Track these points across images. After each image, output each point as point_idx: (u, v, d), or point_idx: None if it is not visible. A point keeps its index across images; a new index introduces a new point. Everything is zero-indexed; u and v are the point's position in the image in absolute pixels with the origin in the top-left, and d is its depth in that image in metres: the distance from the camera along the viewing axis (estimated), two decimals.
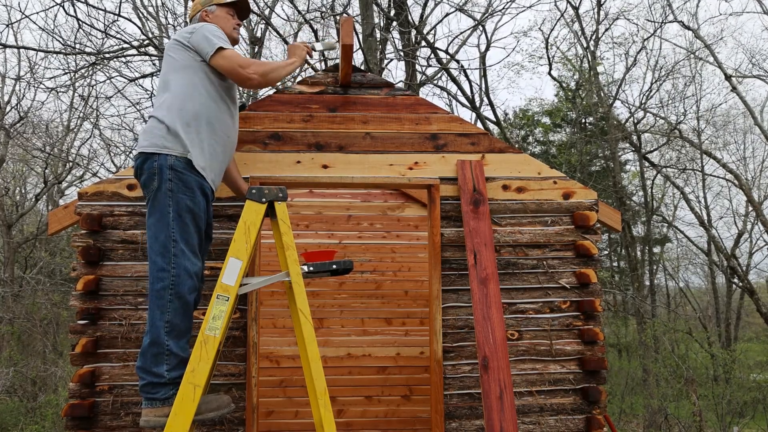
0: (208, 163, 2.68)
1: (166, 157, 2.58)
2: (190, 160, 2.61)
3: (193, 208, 2.58)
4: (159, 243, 2.53)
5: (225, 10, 2.98)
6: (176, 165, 2.58)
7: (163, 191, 2.55)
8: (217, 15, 2.96)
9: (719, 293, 17.48)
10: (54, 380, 10.43)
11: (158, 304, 2.48)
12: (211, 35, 2.73)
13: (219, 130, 2.77)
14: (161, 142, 2.60)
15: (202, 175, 2.65)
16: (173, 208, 2.54)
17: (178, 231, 2.53)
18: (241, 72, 2.71)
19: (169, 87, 2.72)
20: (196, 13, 3.00)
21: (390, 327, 5.30)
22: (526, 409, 3.46)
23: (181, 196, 2.56)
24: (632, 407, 12.63)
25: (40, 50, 10.31)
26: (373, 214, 5.49)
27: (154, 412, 2.45)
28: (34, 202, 13.29)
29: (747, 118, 16.07)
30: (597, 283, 3.60)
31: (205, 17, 2.96)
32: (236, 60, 2.71)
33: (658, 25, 14.13)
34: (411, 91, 7.52)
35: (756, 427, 12.14)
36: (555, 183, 3.70)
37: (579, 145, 15.81)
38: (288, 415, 5.07)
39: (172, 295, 2.48)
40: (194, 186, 2.60)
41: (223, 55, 2.71)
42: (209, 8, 2.97)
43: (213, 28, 2.79)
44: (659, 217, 17.27)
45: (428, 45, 11.26)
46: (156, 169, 2.57)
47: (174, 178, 2.56)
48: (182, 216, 2.55)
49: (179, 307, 2.49)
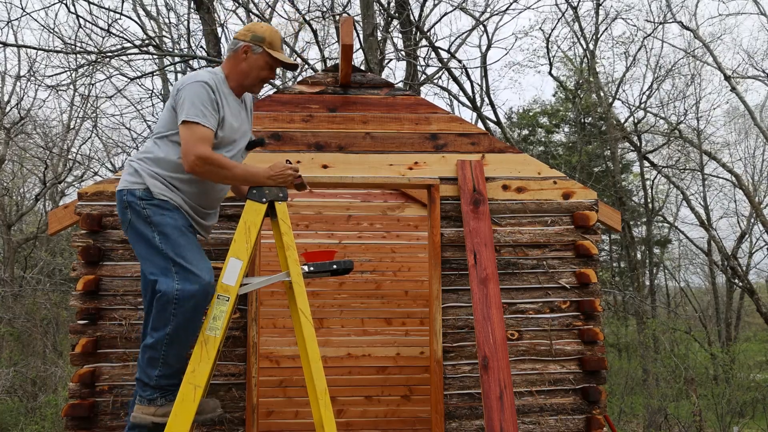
0: (177, 200, 2.59)
1: (134, 192, 2.55)
2: (151, 190, 2.55)
3: (174, 224, 2.52)
4: (155, 265, 2.49)
5: (265, 59, 2.71)
6: (144, 195, 2.54)
7: (139, 220, 2.52)
8: (256, 59, 2.70)
9: (719, 293, 17.48)
10: (54, 380, 10.43)
11: (162, 317, 2.44)
12: (191, 104, 2.50)
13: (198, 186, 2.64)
14: (130, 179, 2.59)
15: (172, 200, 2.57)
16: (155, 231, 2.50)
17: (169, 248, 2.48)
18: (188, 151, 2.46)
19: (153, 138, 2.65)
20: (241, 39, 2.72)
21: (390, 327, 5.30)
22: (526, 409, 3.46)
23: (158, 218, 2.51)
24: (632, 407, 12.63)
25: (40, 49, 10.31)
26: (373, 214, 5.49)
27: (141, 409, 2.45)
28: (34, 202, 13.28)
29: (747, 118, 16.08)
30: (597, 283, 3.60)
31: (243, 54, 2.70)
32: (193, 139, 2.47)
33: (656, 25, 14.13)
34: (411, 91, 7.52)
35: (756, 427, 12.13)
36: (555, 183, 3.70)
37: (579, 144, 15.81)
38: (288, 415, 5.07)
39: (176, 309, 2.43)
40: (168, 207, 2.55)
41: (191, 129, 2.48)
42: (255, 48, 2.70)
43: (200, 92, 2.53)
44: (660, 218, 17.27)
45: (429, 44, 11.26)
46: (126, 202, 2.55)
47: (148, 206, 2.52)
48: (167, 234, 2.50)
49: (182, 323, 2.44)
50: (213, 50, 9.59)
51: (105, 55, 9.33)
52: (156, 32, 11.91)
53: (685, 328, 13.90)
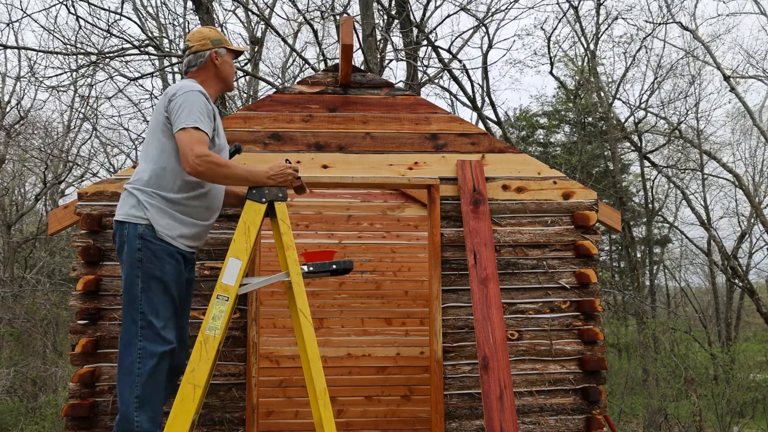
0: (177, 231, 2.57)
1: (136, 227, 2.50)
2: (154, 227, 2.52)
3: (162, 277, 2.49)
4: (129, 316, 2.46)
5: (231, 56, 2.85)
6: (145, 233, 2.49)
7: (131, 262, 2.48)
8: (225, 60, 2.80)
9: (719, 293, 17.47)
10: (54, 380, 10.43)
11: (126, 381, 2.40)
12: (188, 111, 2.50)
13: (183, 182, 2.60)
14: (132, 211, 2.53)
15: (170, 243, 2.55)
16: (141, 278, 2.47)
17: (146, 303, 2.45)
18: (188, 152, 2.45)
19: (147, 157, 2.61)
20: (204, 50, 2.76)
21: (390, 327, 5.30)
22: (526, 409, 3.46)
23: (149, 266, 2.48)
24: (632, 407, 12.63)
25: (40, 50, 10.31)
26: (373, 214, 5.49)
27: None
28: (34, 202, 13.28)
29: (746, 118, 16.07)
30: (597, 283, 3.60)
31: (215, 59, 2.77)
32: (192, 141, 2.47)
33: (656, 26, 14.12)
34: (411, 91, 7.53)
35: (756, 427, 12.13)
36: (555, 183, 3.70)
37: (579, 144, 15.82)
38: (288, 415, 5.07)
39: (140, 370, 2.40)
40: (163, 255, 2.51)
41: (189, 132, 2.47)
42: (220, 50, 2.79)
43: (197, 100, 2.55)
44: (660, 218, 17.27)
45: (430, 44, 11.26)
46: (126, 237, 2.51)
47: (143, 248, 2.48)
48: (151, 287, 2.47)
49: (147, 382, 2.40)
50: None
51: (105, 55, 9.34)
52: (156, 33, 11.91)
53: (685, 328, 13.89)
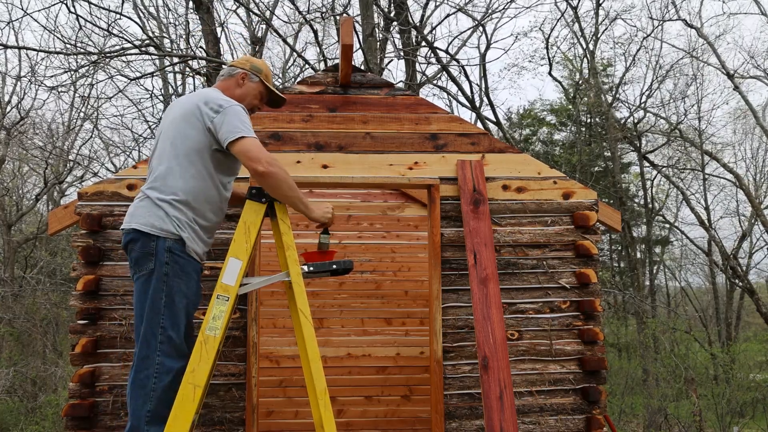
0: (201, 247, 2.58)
1: (165, 241, 2.46)
2: (185, 242, 2.51)
3: (187, 292, 2.49)
4: (149, 328, 2.44)
5: (260, 89, 2.85)
6: (174, 248, 2.47)
7: (157, 276, 2.45)
8: (251, 86, 2.82)
9: (719, 293, 17.47)
10: (54, 380, 10.44)
11: (139, 394, 2.40)
12: (242, 122, 2.54)
13: (211, 210, 2.63)
14: (159, 224, 2.47)
15: (196, 258, 2.56)
16: (166, 292, 2.44)
17: (167, 317, 2.44)
18: (260, 156, 2.49)
19: (177, 172, 2.54)
20: (238, 67, 2.83)
21: (390, 327, 5.30)
22: (526, 409, 3.46)
23: (176, 280, 2.46)
24: (632, 407, 12.63)
25: (41, 50, 10.31)
26: (373, 214, 5.49)
27: None
28: (34, 202, 13.28)
29: (748, 118, 16.07)
30: (597, 283, 3.60)
31: (241, 80, 2.80)
32: (259, 146, 2.53)
33: (659, 23, 14.10)
34: (411, 91, 7.53)
35: (756, 427, 12.14)
36: (555, 183, 3.70)
37: (579, 144, 15.82)
38: (288, 415, 5.07)
39: (155, 386, 2.40)
40: (190, 270, 2.51)
41: (252, 140, 2.52)
42: (252, 76, 2.83)
43: (245, 114, 2.61)
44: (660, 218, 17.27)
45: (428, 45, 11.26)
46: (153, 250, 2.46)
47: (171, 262, 2.45)
48: (175, 301, 2.46)
49: (161, 397, 2.40)
50: (212, 50, 9.59)
51: (105, 55, 9.34)
52: (156, 33, 11.91)
53: (685, 328, 13.90)
